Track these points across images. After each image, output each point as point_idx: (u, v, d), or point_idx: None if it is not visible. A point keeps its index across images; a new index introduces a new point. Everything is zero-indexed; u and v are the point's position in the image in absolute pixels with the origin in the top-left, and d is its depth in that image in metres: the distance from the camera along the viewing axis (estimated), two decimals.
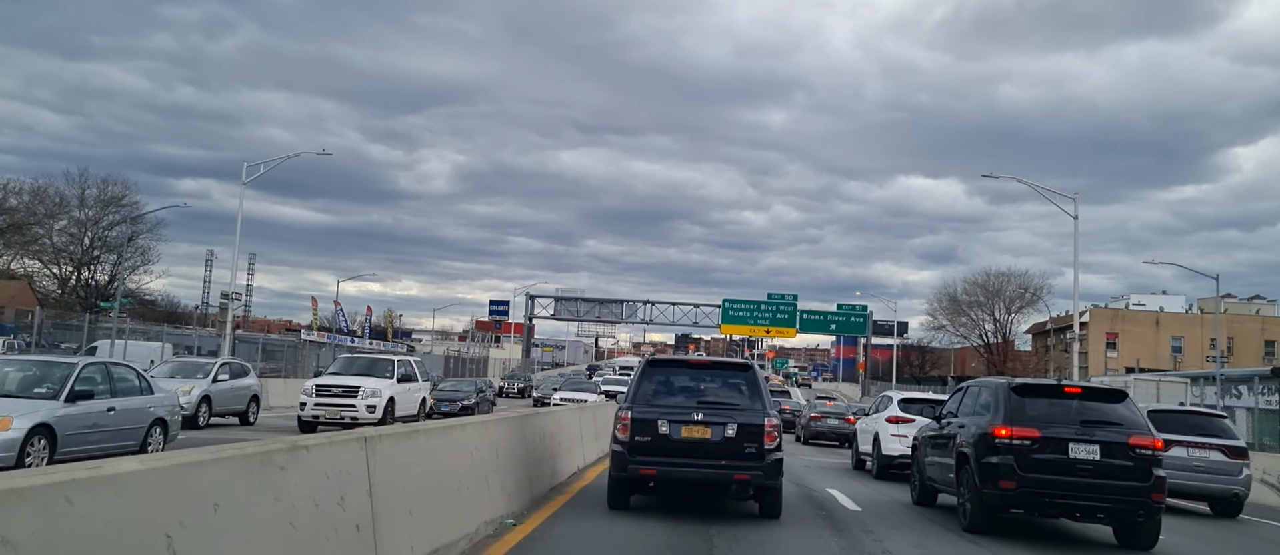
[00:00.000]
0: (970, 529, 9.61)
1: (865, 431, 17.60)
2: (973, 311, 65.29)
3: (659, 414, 9.22)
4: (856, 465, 17.89)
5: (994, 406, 9.67)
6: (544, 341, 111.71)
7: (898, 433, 15.48)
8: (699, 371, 10.09)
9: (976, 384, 11.05)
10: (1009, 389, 9.69)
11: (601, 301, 76.23)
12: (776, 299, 71.22)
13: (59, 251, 52.91)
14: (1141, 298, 60.67)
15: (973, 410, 10.36)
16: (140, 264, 55.13)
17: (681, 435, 9.12)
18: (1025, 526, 10.34)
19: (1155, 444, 9.17)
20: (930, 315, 69.02)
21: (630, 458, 9.14)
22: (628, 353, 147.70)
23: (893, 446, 15.57)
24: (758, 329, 70.92)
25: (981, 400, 10.23)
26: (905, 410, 16.05)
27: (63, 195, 52.28)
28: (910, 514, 11.20)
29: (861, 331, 71.98)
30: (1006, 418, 9.32)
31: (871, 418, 17.45)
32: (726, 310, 70.81)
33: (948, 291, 67.78)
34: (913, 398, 16.99)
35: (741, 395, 9.58)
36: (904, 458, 14.66)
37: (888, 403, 16.97)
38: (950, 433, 10.67)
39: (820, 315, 72.11)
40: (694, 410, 9.27)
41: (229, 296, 36.98)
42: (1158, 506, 9.16)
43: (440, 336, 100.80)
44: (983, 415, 9.88)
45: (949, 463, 10.43)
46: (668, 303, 74.62)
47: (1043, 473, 9.01)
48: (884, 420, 16.19)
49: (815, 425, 28.19)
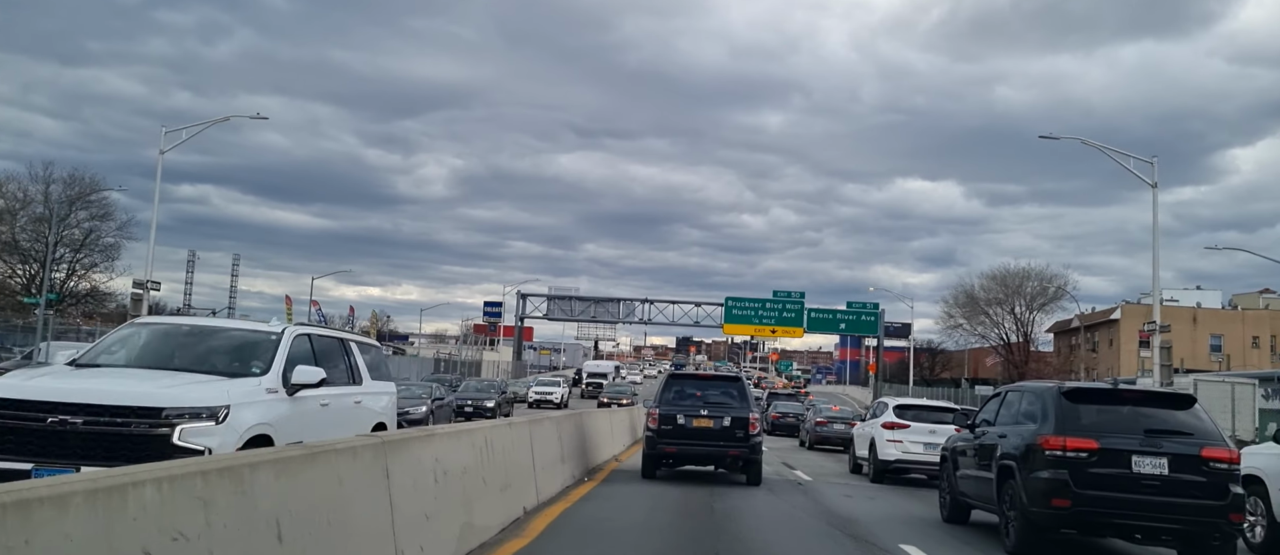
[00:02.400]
0: (1016, 552, 9.03)
1: (862, 436, 18.76)
2: (991, 310, 64.54)
3: (677, 410, 14.25)
4: (853, 469, 19.12)
5: (1042, 414, 9.09)
6: (541, 345, 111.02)
7: (893, 438, 16.77)
8: (704, 382, 15.59)
9: (1016, 389, 10.51)
10: (1059, 394, 9.07)
11: (597, 300, 75.49)
12: (782, 297, 70.47)
13: (25, 251, 51.94)
14: (1174, 293, 59.88)
15: (1014, 418, 9.80)
16: (101, 261, 54.19)
17: (693, 424, 14.17)
18: (1076, 547, 9.75)
19: (1232, 457, 8.53)
20: (947, 313, 68.26)
21: (659, 440, 14.15)
22: (628, 357, 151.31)
23: (888, 452, 16.77)
24: (762, 329, 70.20)
25: (1024, 407, 9.68)
26: (900, 416, 17.13)
27: (27, 191, 51.49)
28: (942, 533, 10.71)
29: (872, 331, 71.32)
30: (1058, 426, 8.71)
31: (868, 423, 18.64)
32: (729, 309, 70.06)
33: (965, 288, 67.11)
34: (909, 404, 18.16)
35: (733, 399, 14.68)
36: (900, 463, 16.59)
37: (884, 409, 18.05)
38: (988, 444, 10.12)
39: (829, 314, 71.43)
40: (701, 407, 14.35)
41: (145, 286, 33.86)
42: (1236, 529, 8.54)
43: (435, 340, 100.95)
44: (1027, 424, 9.33)
45: (988, 477, 9.86)
46: (667, 302, 73.97)
47: (1102, 489, 8.36)
48: (880, 426, 17.24)
49: (821, 431, 29.01)
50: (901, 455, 16.74)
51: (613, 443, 18.89)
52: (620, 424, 21.55)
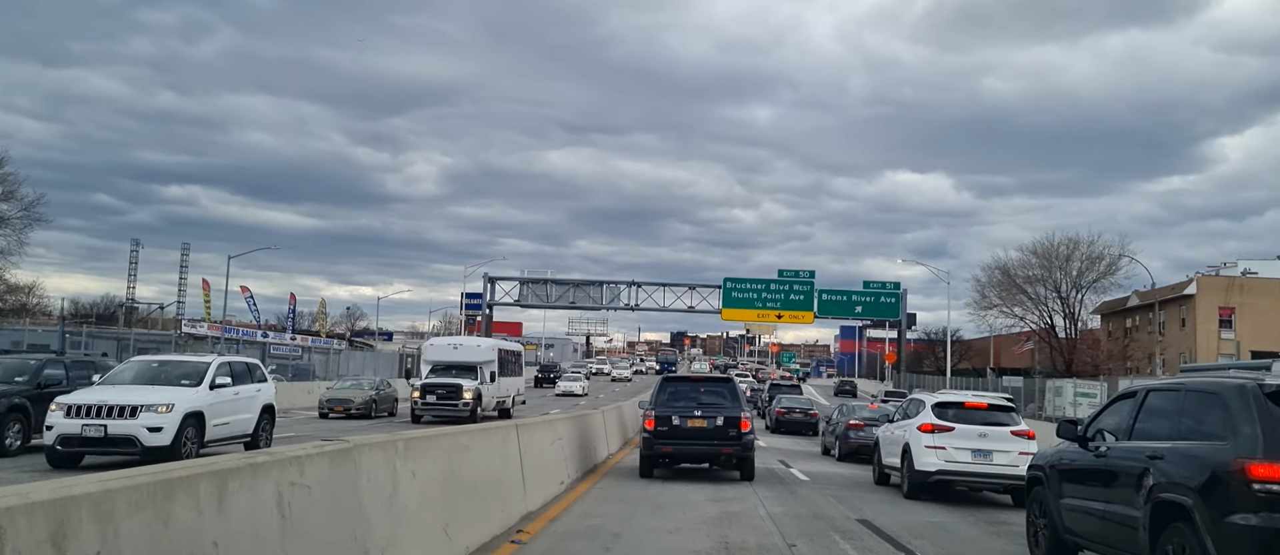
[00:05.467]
0: None
1: (892, 440, 16.66)
2: (1031, 288, 60.39)
3: (672, 411, 15.98)
4: (880, 480, 17.23)
5: (1232, 425, 6.46)
6: (529, 340, 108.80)
7: (933, 444, 14.84)
8: (696, 384, 17.36)
9: (1170, 386, 7.85)
10: (1260, 395, 6.39)
11: (577, 283, 71.55)
12: (789, 277, 66.61)
13: None
14: (1252, 264, 55.58)
15: (1176, 430, 7.16)
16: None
17: (688, 425, 15.89)
18: None
19: None
20: (980, 294, 64.05)
21: (656, 441, 15.77)
22: (621, 352, 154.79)
23: (927, 460, 14.80)
24: (767, 313, 66.29)
25: (1192, 413, 7.07)
26: (940, 416, 15.14)
27: None
28: None
29: (894, 314, 67.51)
30: (1270, 445, 6.05)
31: (898, 425, 16.67)
32: (728, 293, 66.18)
33: (999, 266, 62.87)
34: (950, 400, 16.02)
35: (726, 399, 16.50)
36: (943, 475, 14.68)
37: (919, 407, 16.07)
38: (1127, 466, 7.51)
39: (842, 296, 67.70)
40: (695, 408, 16.13)
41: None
42: None
43: (417, 336, 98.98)
44: (1204, 439, 6.70)
45: (1131, 516, 7.24)
46: (656, 284, 70.02)
47: None
48: (916, 428, 15.30)
49: (857, 436, 23.04)
50: (944, 465, 14.66)
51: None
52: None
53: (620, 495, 13.37)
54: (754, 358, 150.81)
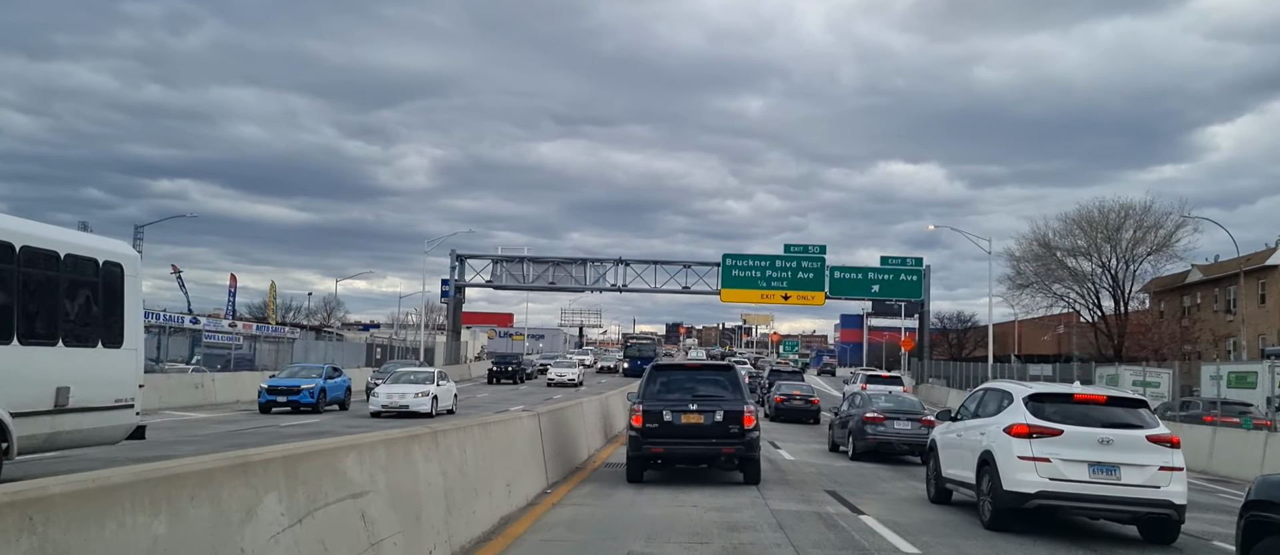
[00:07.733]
0: None
1: (958, 445, 13.24)
2: (1073, 261, 55.64)
3: (663, 406, 15.02)
4: (938, 497, 14.06)
5: None
6: (519, 330, 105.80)
7: (1032, 454, 11.14)
8: (692, 372, 16.49)
9: None
10: None
11: (557, 261, 67.03)
12: (797, 252, 62.09)
13: None
14: None
15: None
16: None
17: (682, 421, 14.94)
18: None
19: None
20: (1016, 270, 59.30)
21: (644, 440, 14.89)
22: (613, 345, 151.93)
23: (1023, 477, 11.15)
24: (772, 294, 61.73)
25: None
26: (1037, 414, 11.46)
27: None
28: None
29: (916, 294, 63.00)
30: None
31: (971, 425, 13.00)
32: (727, 271, 61.67)
33: (1038, 237, 58.06)
34: (1052, 392, 12.07)
35: (725, 390, 15.45)
36: (1046, 498, 11.05)
37: (1005, 400, 12.30)
38: None
39: (858, 273, 63.31)
40: (690, 401, 15.16)
41: None
42: None
43: (391, 326, 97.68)
44: None
45: None
46: (645, 262, 65.40)
47: None
48: (1003, 432, 11.64)
49: (876, 430, 21.52)
50: (1048, 485, 11.03)
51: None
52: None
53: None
54: (752, 348, 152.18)
